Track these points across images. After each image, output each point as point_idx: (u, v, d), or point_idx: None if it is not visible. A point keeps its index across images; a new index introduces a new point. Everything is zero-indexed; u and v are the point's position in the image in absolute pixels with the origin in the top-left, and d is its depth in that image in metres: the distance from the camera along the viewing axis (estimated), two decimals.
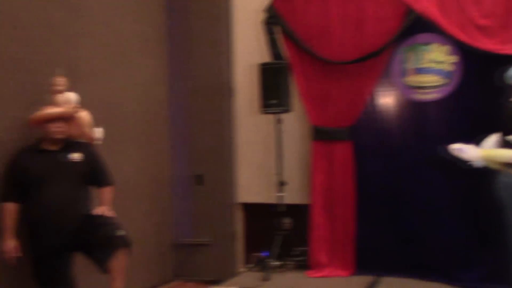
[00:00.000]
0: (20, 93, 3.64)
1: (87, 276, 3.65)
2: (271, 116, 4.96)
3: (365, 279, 4.52)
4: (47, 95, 3.61)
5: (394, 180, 4.66)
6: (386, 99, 4.78)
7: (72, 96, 3.67)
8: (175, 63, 5.35)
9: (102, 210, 3.45)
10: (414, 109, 4.65)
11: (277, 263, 4.81)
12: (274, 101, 4.80)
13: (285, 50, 4.96)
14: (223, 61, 5.24)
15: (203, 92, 5.28)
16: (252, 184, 5.27)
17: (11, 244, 3.29)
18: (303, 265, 4.84)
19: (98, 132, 3.79)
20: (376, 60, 4.66)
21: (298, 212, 4.92)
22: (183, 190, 5.35)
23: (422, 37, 4.61)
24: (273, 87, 4.81)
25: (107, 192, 3.61)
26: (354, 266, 4.74)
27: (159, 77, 5.25)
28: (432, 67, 4.60)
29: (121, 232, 3.36)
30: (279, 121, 4.91)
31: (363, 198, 4.76)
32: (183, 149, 5.35)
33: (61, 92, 3.62)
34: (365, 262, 4.70)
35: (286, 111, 4.87)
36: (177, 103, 5.34)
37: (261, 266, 4.82)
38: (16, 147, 3.47)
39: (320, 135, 4.87)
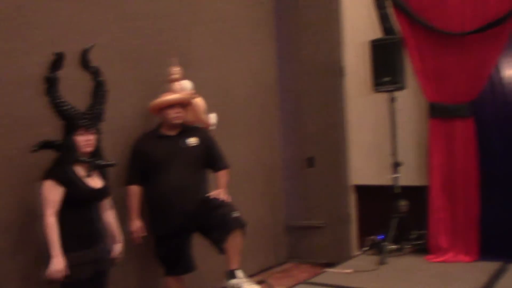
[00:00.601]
0: (137, 83, 3.83)
1: (205, 256, 3.79)
2: (384, 95, 4.76)
3: (491, 266, 4.21)
4: (165, 84, 3.76)
5: None
6: None
7: (187, 84, 3.79)
8: (284, 45, 5.33)
9: (218, 192, 3.53)
10: None
11: (394, 246, 4.64)
12: (387, 79, 4.60)
13: (397, 24, 4.72)
14: (333, 40, 5.12)
15: (313, 73, 5.21)
16: (365, 165, 5.12)
17: (137, 225, 3.50)
18: (421, 249, 4.63)
19: (213, 118, 3.88)
20: (500, 29, 4.27)
21: (415, 194, 4.70)
22: (295, 172, 5.35)
23: None
24: (385, 64, 4.61)
25: (222, 176, 3.70)
26: (479, 252, 4.43)
27: (269, 61, 5.27)
28: None
29: (236, 214, 3.42)
30: (393, 100, 4.70)
31: (487, 179, 4.43)
32: (294, 132, 5.33)
33: (177, 80, 3.74)
34: (490, 248, 4.38)
35: (400, 88, 4.65)
36: (287, 85, 5.33)
37: (377, 249, 4.68)
38: (137, 134, 3.67)
39: (438, 112, 4.59)
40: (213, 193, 3.54)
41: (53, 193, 2.77)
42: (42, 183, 2.81)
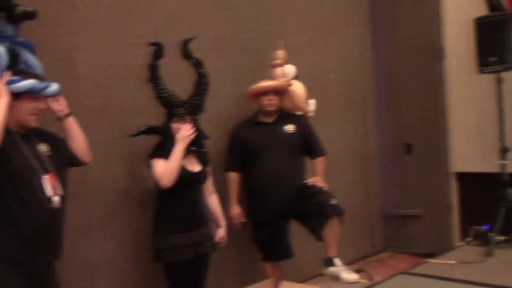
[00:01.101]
0: (234, 70, 3.89)
1: (302, 243, 3.78)
2: (489, 76, 4.45)
3: None
4: (268, 69, 3.76)
5: None
6: None
7: (290, 69, 3.74)
8: (379, 28, 5.16)
9: (316, 179, 3.50)
10: None
11: (501, 237, 4.34)
12: (493, 59, 4.28)
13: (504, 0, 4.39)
14: (431, 19, 4.88)
15: (410, 55, 5.00)
16: (467, 152, 4.84)
17: (236, 211, 3.55)
18: None
19: (312, 104, 3.82)
20: None
21: None
22: (392, 159, 5.19)
23: None
24: (491, 43, 4.28)
25: (320, 162, 3.66)
26: None
27: (363, 45, 5.13)
28: None
29: (334, 201, 3.37)
30: (499, 81, 4.38)
31: None
32: (390, 117, 5.17)
33: (279, 65, 3.71)
34: None
35: (508, 69, 4.32)
36: (382, 69, 5.17)
37: (482, 240, 4.40)
38: (234, 121, 3.71)
39: None
40: (311, 180, 3.51)
41: (159, 164, 2.89)
42: (149, 164, 2.94)
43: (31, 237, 2.21)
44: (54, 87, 2.34)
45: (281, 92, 3.60)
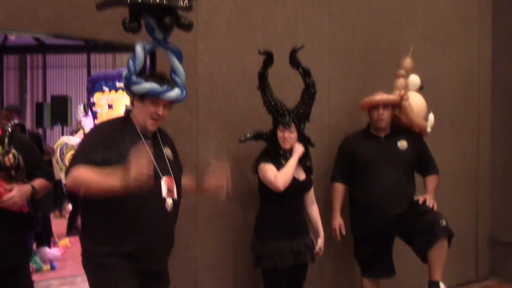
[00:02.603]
0: (347, 80, 3.85)
1: (404, 260, 3.65)
2: None
3: None
4: (380, 80, 3.67)
5: None
6: None
7: (414, 79, 3.57)
8: (502, 42, 4.85)
9: (426, 198, 3.36)
10: None
11: None
12: None
13: None
14: None
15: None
16: None
17: (339, 222, 3.49)
18: None
19: (430, 120, 3.55)
20: None
21: None
22: (505, 181, 4.86)
23: None
24: None
25: (432, 181, 3.53)
26: None
27: (483, 58, 4.86)
28: None
29: (444, 222, 3.23)
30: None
31: None
32: (507, 135, 4.83)
33: (403, 76, 3.55)
34: None
35: None
36: (501, 84, 4.86)
37: None
38: (344, 132, 3.67)
39: None
40: (421, 198, 3.38)
41: (271, 168, 2.93)
42: (258, 168, 2.98)
43: (146, 233, 2.24)
44: (174, 92, 2.30)
45: (393, 106, 3.48)
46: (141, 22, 2.35)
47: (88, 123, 7.13)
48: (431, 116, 3.54)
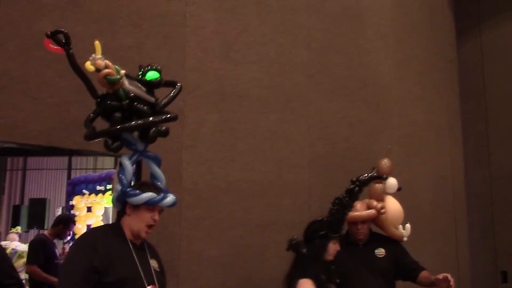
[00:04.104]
0: (324, 186, 3.94)
1: None
2: None
3: None
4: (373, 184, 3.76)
5: None
6: None
7: (392, 183, 3.62)
8: (472, 150, 5.10)
9: (445, 276, 3.29)
10: None
11: None
12: None
13: None
14: None
15: (505, 179, 4.85)
16: None
17: None
18: None
19: (407, 230, 3.58)
20: None
21: None
22: (485, 283, 4.87)
23: None
24: None
25: (426, 273, 3.44)
26: None
27: (456, 166, 5.07)
28: None
29: None
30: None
31: None
32: (485, 242, 4.92)
33: (380, 181, 3.57)
34: None
35: None
36: (476, 192, 5.03)
37: None
38: None
39: None
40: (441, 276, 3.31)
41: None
42: (299, 283, 2.88)
43: None
44: (169, 198, 2.41)
45: (371, 221, 3.53)
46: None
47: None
48: (408, 226, 3.57)
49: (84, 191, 8.09)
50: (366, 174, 3.29)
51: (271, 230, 3.57)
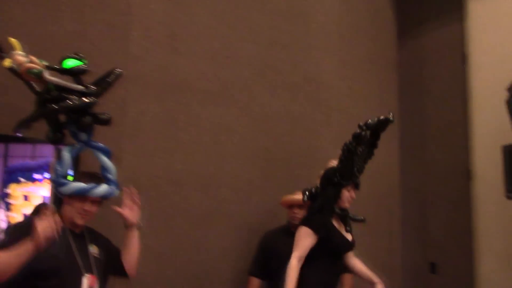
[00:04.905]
0: (267, 181, 4.01)
1: None
2: None
3: None
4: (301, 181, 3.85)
5: None
6: None
7: None
8: (408, 147, 5.31)
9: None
10: None
11: None
12: None
13: None
14: (459, 142, 5.02)
15: (438, 175, 5.09)
16: (495, 276, 4.75)
17: None
18: None
19: None
20: None
21: None
22: (416, 278, 5.10)
23: None
24: None
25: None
26: None
27: (392, 162, 5.26)
28: None
29: None
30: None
31: None
32: (417, 235, 5.15)
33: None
34: None
35: None
36: (410, 187, 5.25)
37: None
38: (263, 230, 3.77)
39: None
40: None
41: (306, 240, 2.92)
42: (303, 228, 2.98)
43: None
44: (100, 189, 2.39)
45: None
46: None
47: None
48: None
49: (21, 178, 7.82)
50: (375, 118, 3.18)
51: (211, 221, 3.62)
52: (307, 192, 3.14)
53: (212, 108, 3.75)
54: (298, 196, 3.60)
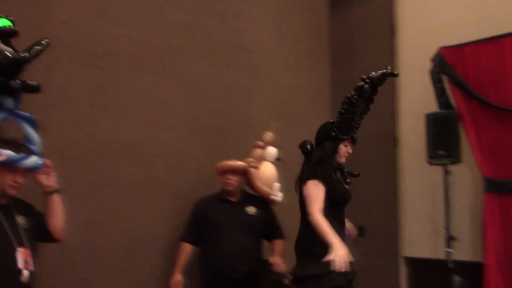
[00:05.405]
0: (202, 149, 4.03)
1: None
2: (438, 167, 4.76)
3: None
4: (234, 149, 3.90)
5: None
6: None
7: (271, 151, 3.84)
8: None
9: (274, 260, 3.57)
10: None
11: None
12: (442, 152, 4.60)
13: (453, 99, 4.77)
14: (386, 110, 5.22)
15: (365, 142, 5.26)
16: (419, 238, 5.04)
17: (178, 279, 3.53)
18: None
19: (275, 188, 3.79)
20: None
21: (469, 270, 4.57)
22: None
23: None
24: (441, 137, 4.62)
25: (278, 244, 3.75)
26: None
27: None
28: None
29: (287, 281, 3.45)
30: (447, 173, 4.68)
31: None
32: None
33: (259, 147, 3.81)
34: None
35: (455, 162, 4.63)
36: None
37: None
38: (200, 196, 3.80)
39: (494, 187, 4.52)
40: (268, 260, 3.59)
41: (318, 191, 2.89)
42: (308, 184, 2.95)
43: None
44: (31, 160, 2.31)
45: (240, 173, 3.71)
46: None
47: None
48: (276, 185, 3.81)
49: None
50: (378, 72, 3.06)
51: (142, 190, 3.61)
52: (308, 146, 3.10)
53: (142, 75, 3.70)
54: (232, 162, 3.67)
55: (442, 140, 4.62)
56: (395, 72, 3.05)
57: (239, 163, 3.72)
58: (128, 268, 3.44)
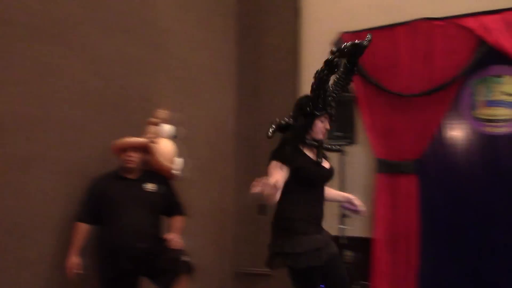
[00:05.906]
0: (99, 125, 3.90)
1: None
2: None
3: None
4: (134, 127, 3.81)
5: (461, 216, 4.54)
6: (455, 132, 4.70)
7: (166, 128, 3.80)
8: (245, 94, 5.53)
9: (171, 237, 3.58)
10: (483, 143, 4.54)
11: None
12: (338, 133, 4.81)
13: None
14: (289, 93, 5.35)
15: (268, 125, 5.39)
16: None
17: (74, 261, 3.43)
18: None
19: (177, 163, 3.78)
20: (444, 93, 4.61)
21: (360, 245, 4.86)
22: (248, 219, 5.45)
23: (493, 69, 4.53)
24: (338, 119, 4.82)
25: (178, 221, 3.76)
26: None
27: (229, 109, 5.44)
28: (504, 100, 4.49)
29: (186, 258, 3.48)
30: (343, 153, 4.92)
31: (427, 234, 4.65)
32: (248, 178, 5.44)
33: (154, 124, 3.76)
34: None
35: (350, 143, 4.87)
36: (245, 134, 5.50)
37: None
38: (97, 174, 3.70)
39: (384, 167, 4.83)
40: (166, 237, 3.59)
41: (277, 172, 2.82)
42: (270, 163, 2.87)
43: None
44: None
45: (142, 149, 3.67)
46: None
47: None
48: (178, 160, 3.80)
49: None
50: (348, 43, 2.87)
51: (35, 167, 3.44)
52: (273, 125, 3.02)
53: (37, 45, 3.50)
54: (133, 139, 3.61)
55: (339, 122, 4.80)
56: (365, 42, 2.94)
57: (141, 139, 3.67)
58: (14, 248, 3.28)
